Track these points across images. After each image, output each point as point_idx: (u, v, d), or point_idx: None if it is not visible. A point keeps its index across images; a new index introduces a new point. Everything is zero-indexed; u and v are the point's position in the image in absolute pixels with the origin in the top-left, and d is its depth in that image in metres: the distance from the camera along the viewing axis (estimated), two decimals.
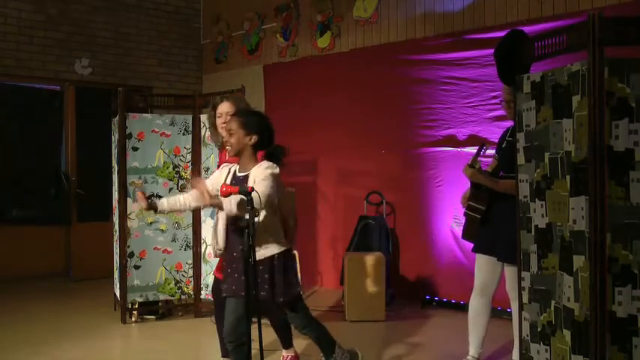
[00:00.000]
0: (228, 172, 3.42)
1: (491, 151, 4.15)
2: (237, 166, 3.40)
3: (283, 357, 4.18)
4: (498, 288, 4.01)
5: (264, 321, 3.49)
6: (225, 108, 3.97)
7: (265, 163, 3.29)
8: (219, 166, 3.95)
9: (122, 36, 8.14)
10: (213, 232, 3.46)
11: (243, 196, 3.02)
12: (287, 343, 4.16)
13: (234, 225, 3.30)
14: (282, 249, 3.36)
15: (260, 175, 3.21)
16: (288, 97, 7.45)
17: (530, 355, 2.91)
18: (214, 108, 4.06)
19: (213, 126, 4.09)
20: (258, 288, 3.12)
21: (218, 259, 3.89)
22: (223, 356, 4.10)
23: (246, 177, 3.29)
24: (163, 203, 3.38)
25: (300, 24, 7.49)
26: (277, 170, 3.28)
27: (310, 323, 3.63)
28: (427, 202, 6.18)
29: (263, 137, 3.33)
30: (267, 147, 3.36)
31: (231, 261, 3.38)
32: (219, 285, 3.63)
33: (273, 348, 4.33)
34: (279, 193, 3.34)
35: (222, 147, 4.11)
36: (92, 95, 7.92)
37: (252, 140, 3.31)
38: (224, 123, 3.83)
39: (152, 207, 3.35)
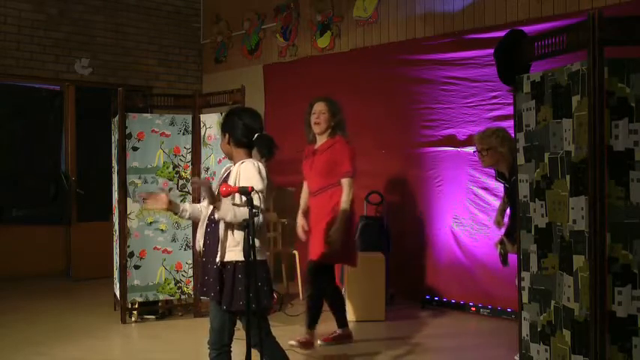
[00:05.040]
0: (225, 171, 3.28)
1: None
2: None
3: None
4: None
5: None
6: (319, 107, 4.47)
7: (249, 162, 3.07)
8: (306, 156, 4.46)
9: (122, 36, 8.13)
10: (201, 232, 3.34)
11: (245, 213, 2.87)
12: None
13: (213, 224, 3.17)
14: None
15: (244, 175, 3.01)
16: (288, 97, 7.45)
17: (530, 355, 2.91)
18: (311, 106, 4.54)
19: (307, 122, 4.57)
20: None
21: None
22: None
23: (229, 173, 3.14)
24: (185, 207, 3.30)
25: (300, 24, 7.49)
26: (263, 169, 3.03)
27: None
28: (427, 202, 6.17)
29: (235, 134, 3.12)
30: (250, 141, 3.11)
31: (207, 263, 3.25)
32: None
33: None
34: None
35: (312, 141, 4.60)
36: (92, 95, 7.92)
37: (229, 140, 3.14)
38: (317, 119, 4.48)
39: (171, 209, 3.24)
